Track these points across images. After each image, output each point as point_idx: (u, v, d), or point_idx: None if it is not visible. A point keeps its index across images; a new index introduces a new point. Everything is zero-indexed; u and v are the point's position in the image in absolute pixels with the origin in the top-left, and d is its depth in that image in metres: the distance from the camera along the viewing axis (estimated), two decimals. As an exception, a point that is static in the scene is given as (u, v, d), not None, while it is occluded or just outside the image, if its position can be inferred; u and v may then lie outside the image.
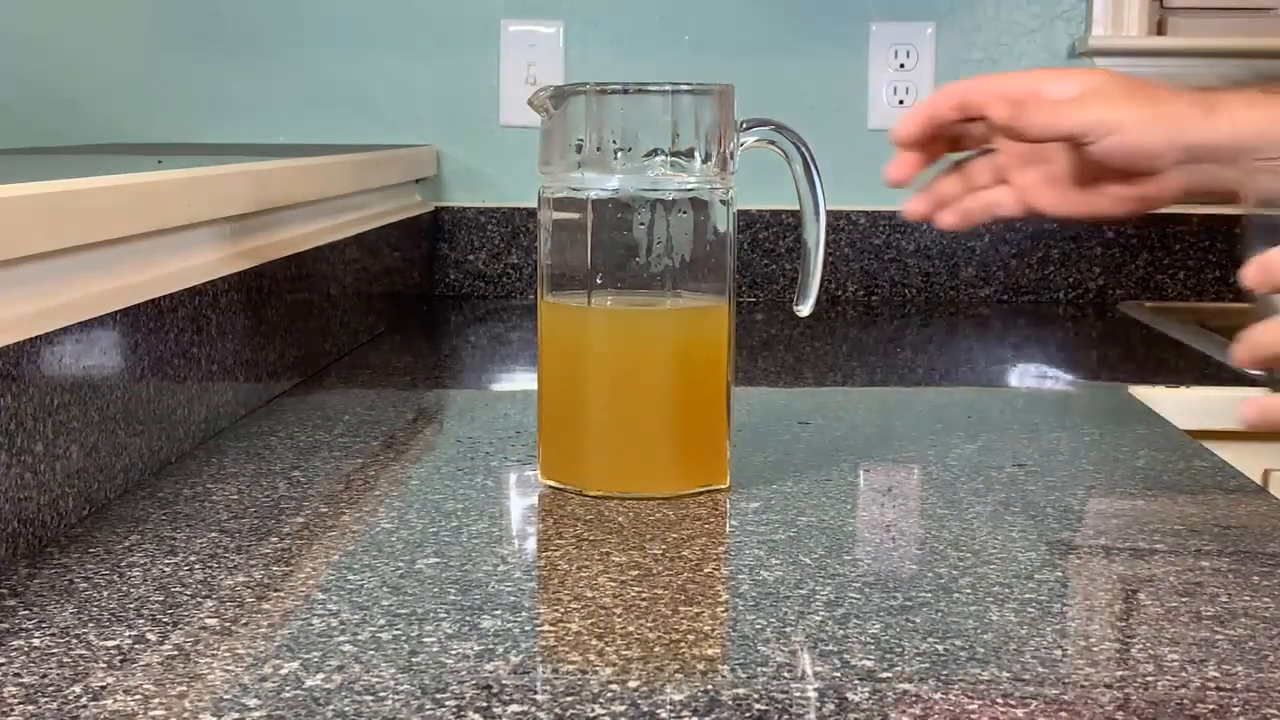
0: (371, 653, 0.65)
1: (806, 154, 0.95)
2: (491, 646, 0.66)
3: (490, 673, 0.63)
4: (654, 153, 0.89)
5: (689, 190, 0.90)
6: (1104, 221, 0.98)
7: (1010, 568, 0.78)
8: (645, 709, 0.59)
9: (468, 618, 0.69)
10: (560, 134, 0.90)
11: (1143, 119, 0.93)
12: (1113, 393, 1.33)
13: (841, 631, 0.68)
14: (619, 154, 0.89)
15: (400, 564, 0.77)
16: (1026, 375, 1.50)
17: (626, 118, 0.89)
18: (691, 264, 0.91)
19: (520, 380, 1.50)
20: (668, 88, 0.89)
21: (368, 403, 1.24)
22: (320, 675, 0.62)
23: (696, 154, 0.89)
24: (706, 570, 0.77)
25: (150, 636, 0.67)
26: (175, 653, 0.65)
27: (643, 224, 0.90)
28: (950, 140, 1.02)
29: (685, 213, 0.90)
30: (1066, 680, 0.63)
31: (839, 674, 0.63)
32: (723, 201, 0.91)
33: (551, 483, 0.93)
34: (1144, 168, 0.95)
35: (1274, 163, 0.91)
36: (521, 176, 1.91)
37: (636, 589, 0.74)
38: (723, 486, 0.92)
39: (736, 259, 0.93)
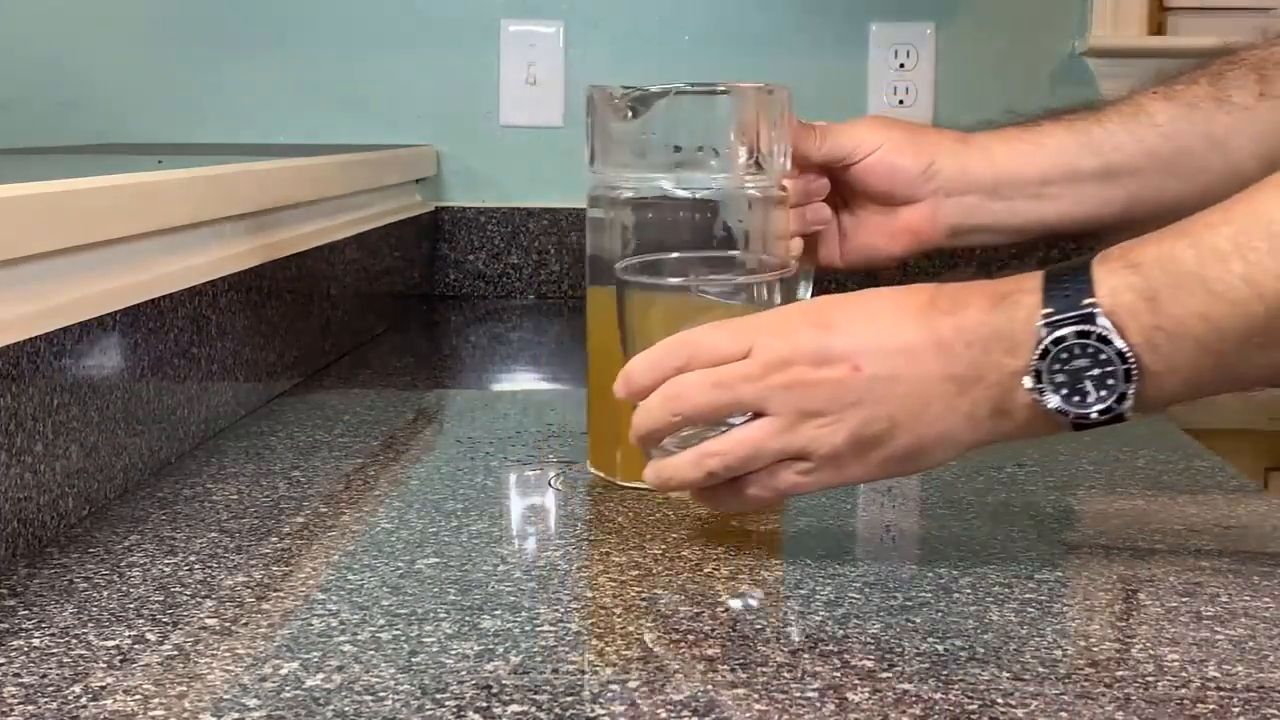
0: (371, 653, 0.65)
1: None
2: (491, 646, 0.66)
3: (490, 673, 0.63)
4: (747, 152, 0.91)
5: (768, 188, 0.91)
6: (883, 265, 1.02)
7: (1010, 568, 0.78)
8: (645, 709, 0.59)
9: (468, 618, 0.69)
10: (645, 134, 0.91)
11: (901, 140, 0.97)
12: (1113, 393, 1.32)
13: (841, 631, 0.68)
14: (715, 153, 0.90)
15: (400, 564, 0.77)
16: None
17: (714, 117, 0.91)
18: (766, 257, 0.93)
19: (520, 380, 1.50)
20: (754, 86, 0.91)
21: (368, 403, 1.24)
22: (320, 675, 0.62)
23: (772, 152, 0.91)
24: (706, 570, 0.77)
25: (150, 636, 0.67)
26: (175, 653, 0.65)
27: (740, 220, 0.90)
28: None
29: (766, 209, 0.91)
30: (1066, 680, 0.63)
31: (839, 674, 0.63)
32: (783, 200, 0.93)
33: (599, 473, 0.93)
34: (904, 190, 0.97)
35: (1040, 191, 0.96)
36: (522, 176, 1.91)
37: (636, 589, 0.74)
38: None
39: None
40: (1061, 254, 1.89)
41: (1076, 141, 0.97)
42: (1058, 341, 0.70)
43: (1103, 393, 0.70)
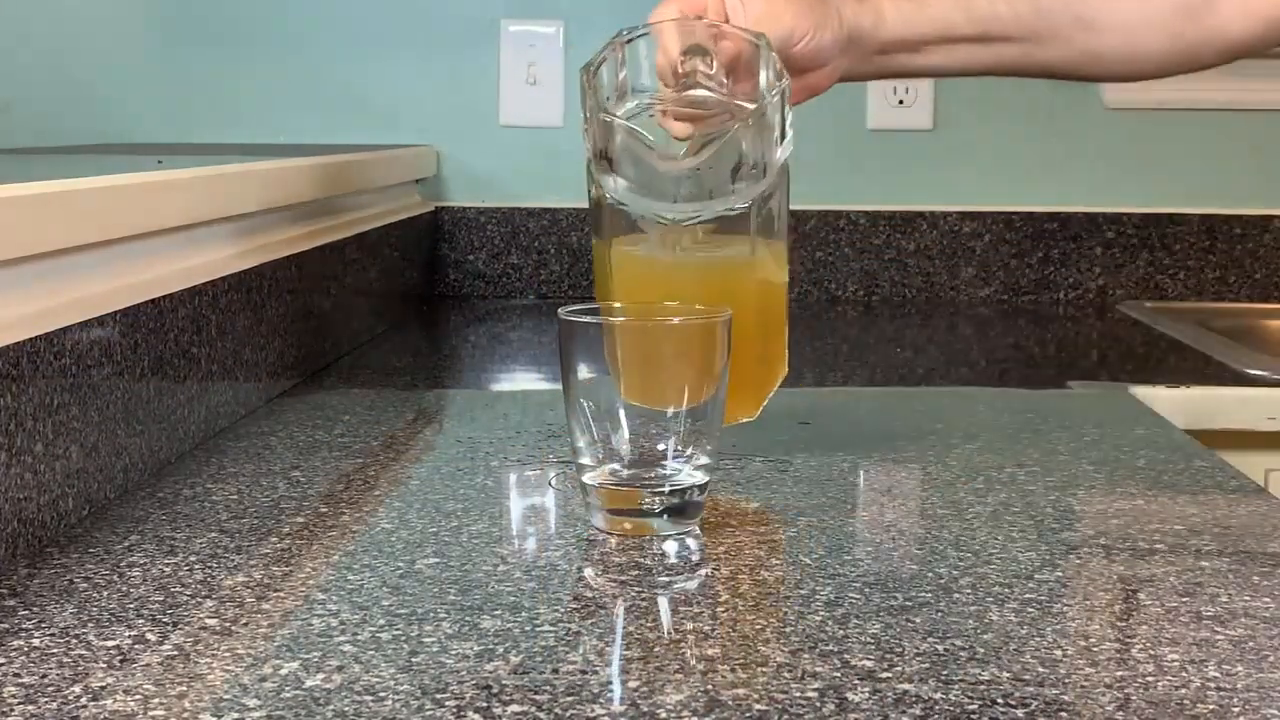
0: (371, 653, 0.65)
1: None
2: (491, 646, 0.66)
3: (490, 673, 0.63)
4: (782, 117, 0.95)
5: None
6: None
7: (1010, 568, 0.78)
8: (645, 709, 0.59)
9: (468, 618, 0.69)
10: (702, 168, 0.94)
11: (820, 19, 1.01)
12: (1113, 393, 1.33)
13: (841, 631, 0.68)
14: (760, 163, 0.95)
15: (400, 564, 0.77)
16: (1026, 375, 1.50)
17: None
18: None
19: (520, 380, 1.50)
20: (771, 70, 0.94)
21: (368, 403, 1.24)
22: (320, 675, 0.62)
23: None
24: (706, 570, 0.77)
25: (150, 636, 0.67)
26: (175, 653, 0.65)
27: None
28: None
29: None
30: (1066, 680, 0.63)
31: (839, 674, 0.63)
32: None
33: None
34: (820, 61, 1.03)
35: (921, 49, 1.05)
36: (522, 176, 1.91)
37: (637, 589, 0.74)
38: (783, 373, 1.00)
39: None
40: (1062, 254, 1.89)
41: (959, 10, 1.05)
42: None
43: None
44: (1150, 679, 0.63)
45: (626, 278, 0.96)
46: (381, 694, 0.60)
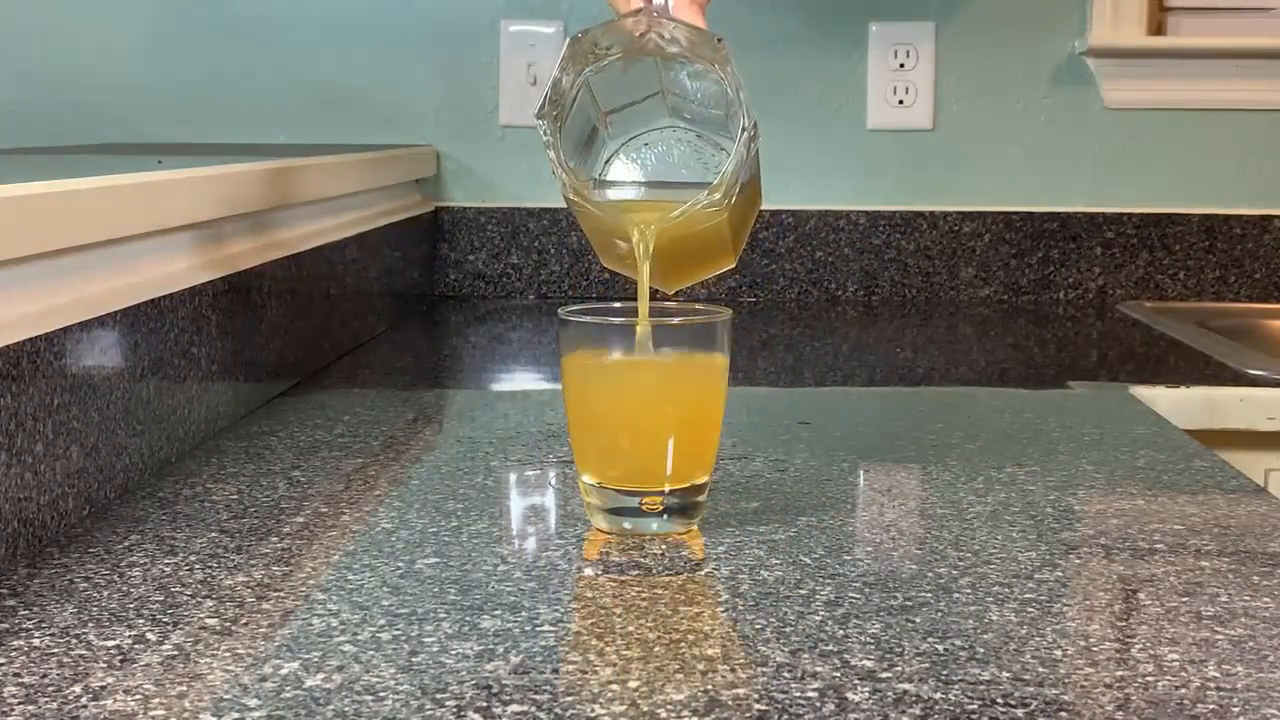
0: (371, 653, 0.65)
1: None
2: (491, 646, 0.66)
3: (490, 673, 0.63)
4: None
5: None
6: None
7: (1010, 568, 0.78)
8: (645, 709, 0.59)
9: (468, 618, 0.69)
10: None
11: None
12: (1113, 393, 1.33)
13: (841, 631, 0.68)
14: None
15: (400, 564, 0.77)
16: (1026, 375, 1.50)
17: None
18: None
19: (520, 380, 1.50)
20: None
21: (368, 403, 1.24)
22: (320, 675, 0.62)
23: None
24: (706, 570, 0.77)
25: (150, 636, 0.67)
26: (175, 653, 0.65)
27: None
28: None
29: None
30: (1066, 680, 0.63)
31: (839, 674, 0.63)
32: None
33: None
34: None
35: None
36: (522, 176, 1.91)
37: (636, 589, 0.74)
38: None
39: None
40: (1062, 254, 1.90)
41: None
42: None
43: None
44: (1150, 679, 0.63)
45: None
46: (381, 694, 0.60)
